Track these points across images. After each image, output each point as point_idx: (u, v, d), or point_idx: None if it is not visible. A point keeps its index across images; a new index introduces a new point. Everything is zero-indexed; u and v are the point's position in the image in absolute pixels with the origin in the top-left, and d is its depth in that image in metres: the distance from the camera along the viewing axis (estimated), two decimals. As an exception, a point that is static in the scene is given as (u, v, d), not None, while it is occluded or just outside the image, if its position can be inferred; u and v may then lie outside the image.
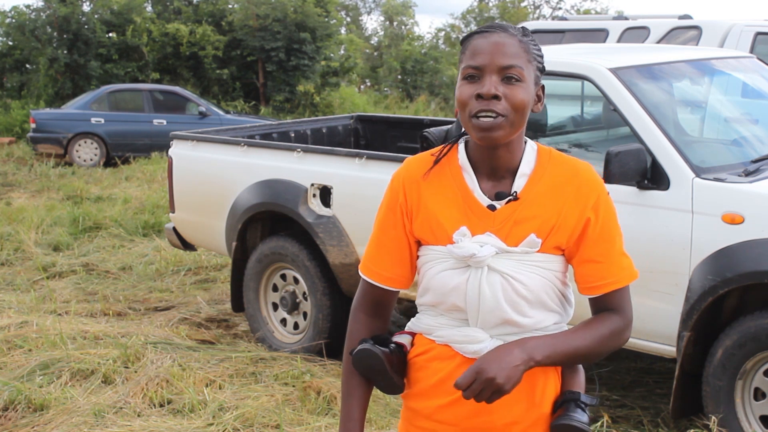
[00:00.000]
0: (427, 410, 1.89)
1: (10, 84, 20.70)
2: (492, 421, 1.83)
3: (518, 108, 1.74)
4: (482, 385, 1.67)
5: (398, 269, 1.90)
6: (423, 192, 1.85)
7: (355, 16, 35.07)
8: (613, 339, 1.82)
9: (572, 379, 1.89)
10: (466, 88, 1.74)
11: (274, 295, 5.50)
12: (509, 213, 1.79)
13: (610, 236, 1.82)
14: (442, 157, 1.86)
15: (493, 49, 1.73)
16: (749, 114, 4.89)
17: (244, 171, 5.44)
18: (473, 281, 1.78)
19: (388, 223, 1.89)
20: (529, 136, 5.41)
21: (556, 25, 10.11)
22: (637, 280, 4.31)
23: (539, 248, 1.79)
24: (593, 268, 1.81)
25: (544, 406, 1.84)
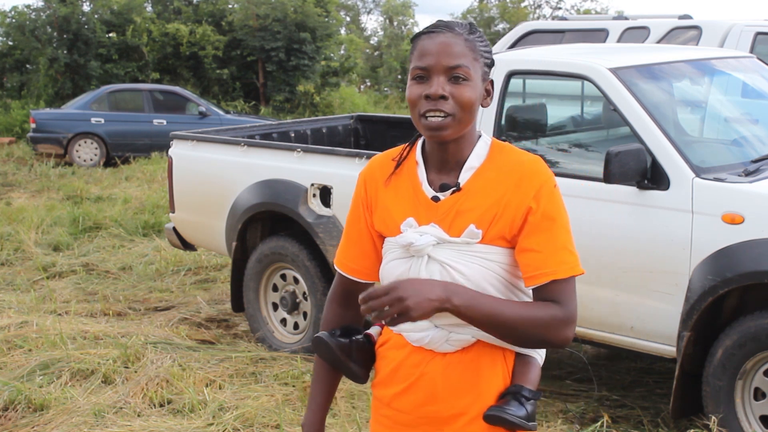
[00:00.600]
0: (386, 398, 1.95)
1: (10, 84, 20.70)
2: (439, 411, 1.87)
3: (465, 106, 1.79)
4: (391, 300, 1.67)
5: (364, 261, 1.97)
6: (380, 189, 1.93)
7: (355, 16, 35.07)
8: (548, 328, 1.78)
9: (523, 373, 1.89)
10: (415, 89, 1.80)
11: (274, 295, 5.50)
12: (452, 204, 1.84)
13: (551, 227, 1.81)
14: (402, 160, 1.93)
15: (439, 49, 1.78)
16: (749, 114, 4.89)
17: (244, 171, 5.44)
18: (414, 270, 1.83)
19: (354, 218, 1.98)
20: (529, 135, 5.40)
21: (556, 25, 10.11)
22: (637, 280, 4.30)
23: (481, 239, 1.81)
24: (531, 258, 1.80)
25: (490, 398, 1.86)
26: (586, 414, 4.44)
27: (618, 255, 4.10)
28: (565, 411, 4.46)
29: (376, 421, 2.01)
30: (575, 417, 4.40)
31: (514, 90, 4.90)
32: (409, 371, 1.89)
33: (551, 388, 4.76)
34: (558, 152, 4.92)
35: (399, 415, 1.93)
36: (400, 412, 1.92)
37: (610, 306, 4.16)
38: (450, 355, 1.86)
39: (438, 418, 1.88)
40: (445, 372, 1.86)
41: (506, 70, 4.59)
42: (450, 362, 1.86)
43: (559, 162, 4.73)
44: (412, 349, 1.88)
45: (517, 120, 4.83)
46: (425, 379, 1.87)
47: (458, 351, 1.86)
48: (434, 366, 1.87)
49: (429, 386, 1.87)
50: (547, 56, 4.83)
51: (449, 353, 1.86)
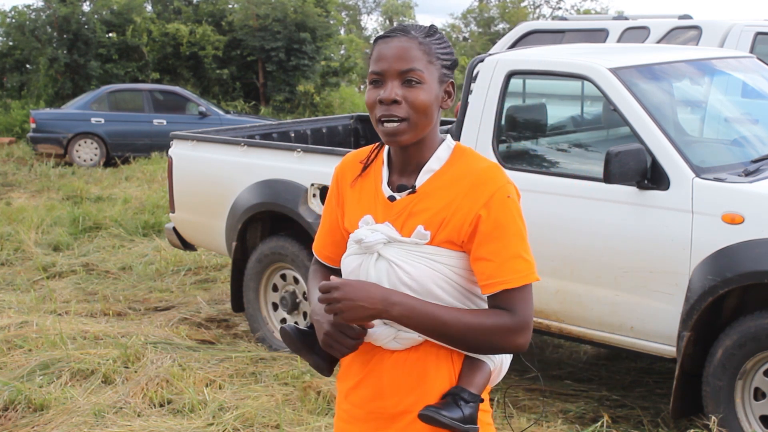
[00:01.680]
0: (343, 392, 1.99)
1: (10, 84, 20.69)
2: (386, 407, 1.90)
3: (419, 109, 1.81)
4: (330, 299, 1.78)
5: (337, 249, 2.04)
6: (347, 185, 2.00)
7: (355, 16, 35.07)
8: (496, 335, 1.80)
9: (468, 376, 1.90)
10: (371, 93, 1.85)
11: (274, 295, 5.50)
12: (405, 205, 1.88)
13: (503, 236, 1.81)
14: (370, 163, 1.98)
15: (393, 54, 1.82)
16: (749, 114, 4.89)
17: (244, 171, 5.44)
18: (364, 266, 1.88)
19: (328, 208, 2.06)
20: (529, 135, 5.40)
21: (556, 25, 10.10)
22: (637, 280, 4.30)
23: (429, 240, 1.84)
24: (483, 266, 1.82)
25: (433, 398, 1.88)
26: (586, 414, 4.44)
27: (618, 255, 4.10)
28: (565, 411, 4.46)
29: (337, 415, 2.05)
30: (575, 417, 4.40)
31: (514, 90, 4.90)
32: (360, 367, 1.93)
33: (551, 388, 4.76)
34: (558, 152, 4.92)
35: (353, 409, 1.96)
36: (354, 406, 1.96)
37: (610, 306, 4.16)
38: (397, 353, 1.88)
39: (385, 415, 1.91)
40: (391, 369, 1.89)
41: (506, 70, 4.59)
42: (397, 360, 1.88)
43: (559, 162, 4.73)
44: (364, 345, 1.91)
45: (517, 120, 4.83)
46: (373, 375, 1.91)
47: (406, 350, 1.88)
48: (382, 363, 1.90)
49: (376, 382, 1.90)
50: (547, 56, 4.83)
51: (397, 351, 1.89)
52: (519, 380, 4.84)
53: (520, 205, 1.86)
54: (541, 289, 4.13)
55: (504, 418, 4.25)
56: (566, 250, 4.26)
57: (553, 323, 4.39)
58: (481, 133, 4.56)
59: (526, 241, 1.84)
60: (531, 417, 4.33)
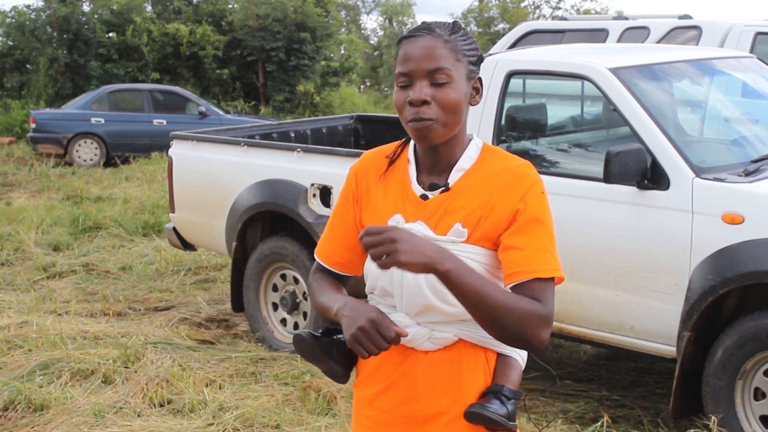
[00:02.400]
0: (368, 398, 1.93)
1: (10, 84, 20.69)
2: (420, 410, 1.86)
3: (449, 108, 1.79)
4: (383, 239, 1.66)
5: (347, 254, 1.97)
6: (372, 185, 1.93)
7: (355, 16, 35.07)
8: (530, 321, 1.74)
9: (504, 373, 1.90)
10: (400, 95, 1.82)
11: (274, 295, 5.50)
12: (440, 203, 1.85)
13: (536, 228, 1.80)
14: (396, 158, 1.93)
15: (419, 54, 1.78)
16: (749, 114, 4.89)
17: (244, 171, 5.44)
18: None
19: (341, 210, 1.98)
20: (529, 135, 5.39)
21: (556, 25, 10.11)
22: (637, 280, 4.30)
23: (466, 238, 1.81)
24: (514, 255, 1.79)
25: (470, 397, 1.86)
26: (586, 414, 4.44)
27: (618, 255, 4.10)
28: (565, 411, 4.46)
29: (357, 423, 1.99)
30: (575, 417, 4.40)
31: (514, 90, 4.90)
32: (390, 370, 1.89)
33: (551, 388, 4.76)
34: (558, 152, 4.92)
35: (380, 414, 1.92)
36: (381, 412, 1.91)
37: (610, 306, 4.16)
38: (432, 354, 1.85)
39: (418, 417, 1.87)
40: (426, 370, 1.86)
41: (506, 70, 4.59)
42: (432, 361, 1.85)
43: (559, 162, 4.73)
44: (394, 348, 1.86)
45: (517, 120, 4.83)
46: (406, 378, 1.87)
47: (440, 349, 1.85)
48: (416, 364, 1.86)
49: (410, 385, 1.87)
50: (547, 56, 4.83)
51: (431, 352, 1.85)
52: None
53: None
54: (541, 289, 4.12)
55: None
56: (566, 250, 4.25)
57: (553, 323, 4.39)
58: (481, 133, 4.56)
59: (555, 239, 1.84)
60: (531, 417, 4.33)
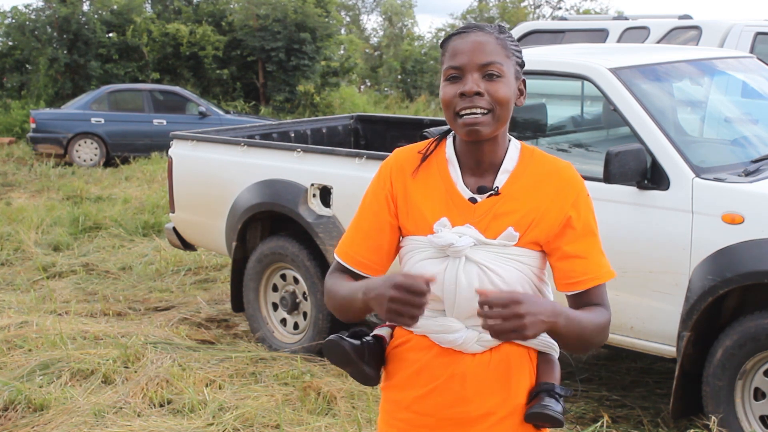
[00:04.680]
0: (406, 401, 1.92)
1: (10, 84, 20.69)
2: (468, 412, 1.86)
3: (501, 102, 1.79)
4: (510, 315, 1.62)
5: (373, 255, 1.92)
6: (409, 183, 1.89)
7: (355, 16, 35.06)
8: (604, 330, 1.84)
9: (547, 371, 1.92)
10: (450, 89, 1.80)
11: (274, 295, 5.50)
12: (489, 206, 1.84)
13: (590, 234, 1.86)
14: (429, 154, 1.90)
15: (472, 48, 1.79)
16: (749, 114, 4.89)
17: (244, 171, 5.44)
18: (451, 270, 1.81)
19: (371, 210, 1.92)
20: (530, 136, 5.39)
21: (556, 25, 10.10)
22: (637, 280, 4.30)
23: (517, 242, 1.82)
24: (576, 264, 1.83)
25: (519, 397, 1.87)
26: (586, 414, 4.44)
27: (618, 255, 4.09)
28: (565, 411, 4.45)
29: (389, 425, 1.96)
30: (575, 417, 4.40)
31: (514, 90, 4.88)
32: (436, 373, 1.87)
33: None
34: (558, 152, 4.91)
35: (420, 418, 1.90)
36: (422, 415, 1.89)
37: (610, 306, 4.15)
38: (479, 356, 1.86)
39: (465, 419, 1.87)
40: (475, 372, 1.85)
41: (506, 70, 4.58)
42: (480, 362, 1.86)
43: (559, 162, 4.72)
44: (440, 351, 1.86)
45: (517, 120, 4.83)
46: (454, 381, 1.86)
47: (487, 351, 1.86)
48: (464, 366, 1.85)
49: (459, 387, 1.86)
50: (547, 56, 4.83)
51: (478, 354, 1.86)
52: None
53: None
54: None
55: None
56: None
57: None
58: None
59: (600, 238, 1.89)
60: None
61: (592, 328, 1.80)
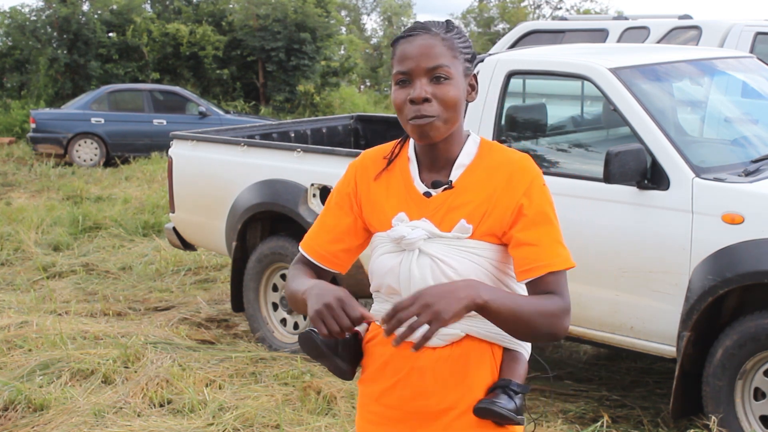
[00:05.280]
0: (375, 394, 1.95)
1: (10, 84, 20.70)
2: (429, 405, 1.89)
3: (449, 105, 1.81)
4: (420, 308, 1.65)
5: (334, 249, 1.98)
6: (372, 183, 1.95)
7: (355, 16, 35.07)
8: (554, 319, 1.80)
9: (511, 368, 1.92)
10: (399, 93, 1.83)
11: (274, 295, 5.50)
12: (443, 200, 1.87)
13: (544, 221, 1.84)
14: (394, 158, 1.95)
15: (418, 52, 1.80)
16: (749, 114, 4.89)
17: (244, 171, 5.44)
18: (405, 263, 1.85)
19: (336, 207, 1.99)
20: (529, 135, 5.38)
21: (556, 25, 10.10)
22: (637, 280, 4.29)
23: (471, 234, 1.84)
24: (527, 251, 1.82)
25: (478, 392, 1.88)
26: (586, 414, 4.44)
27: (618, 255, 4.10)
28: (565, 411, 4.46)
29: (363, 418, 2.01)
30: (575, 417, 4.40)
31: (514, 90, 4.90)
32: (399, 366, 1.90)
33: (551, 388, 4.76)
34: (558, 152, 4.92)
35: (387, 410, 1.93)
36: (389, 408, 1.93)
37: (610, 306, 4.16)
38: (440, 350, 1.87)
39: (427, 413, 1.89)
40: (435, 366, 1.87)
41: (506, 70, 4.59)
42: (440, 357, 1.87)
43: (559, 162, 4.73)
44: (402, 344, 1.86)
45: (517, 120, 4.83)
46: (415, 374, 1.88)
47: (447, 345, 1.87)
48: (424, 361, 1.87)
49: (418, 381, 1.88)
50: (547, 56, 4.83)
51: (438, 348, 1.87)
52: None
53: None
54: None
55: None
56: (566, 250, 4.26)
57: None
58: (481, 133, 4.54)
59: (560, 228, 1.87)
60: (531, 417, 4.32)
61: (532, 311, 1.77)
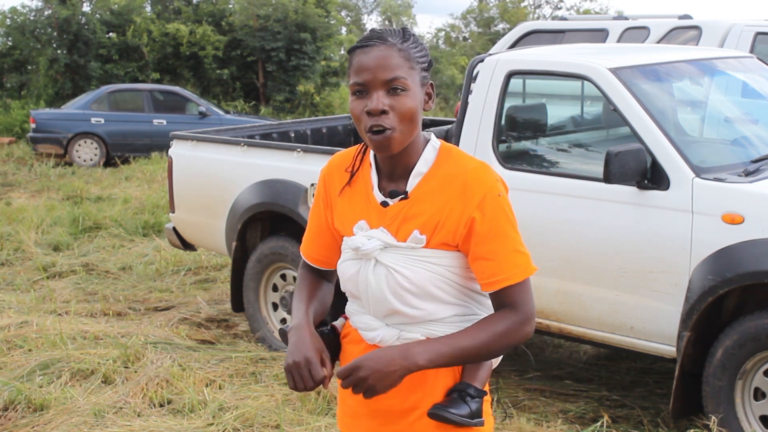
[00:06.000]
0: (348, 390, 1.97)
1: (10, 84, 20.70)
2: (391, 405, 1.93)
3: (406, 117, 1.82)
4: (356, 381, 1.77)
5: (323, 251, 2.06)
6: (337, 188, 2.00)
7: (355, 16, 35.07)
8: (508, 336, 1.84)
9: (471, 371, 1.94)
10: (357, 104, 1.85)
11: (274, 295, 5.50)
12: (399, 210, 1.89)
13: (499, 234, 1.84)
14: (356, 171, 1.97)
15: (375, 64, 1.81)
16: (749, 114, 4.89)
17: (244, 171, 5.44)
18: (363, 272, 1.90)
19: (315, 213, 2.06)
20: (529, 135, 5.39)
21: (556, 25, 10.10)
22: (637, 280, 4.30)
23: (426, 244, 1.86)
24: (484, 266, 1.84)
25: (439, 395, 1.92)
26: (586, 414, 4.44)
27: (618, 255, 4.10)
28: (565, 411, 4.46)
29: (342, 411, 2.08)
30: (575, 417, 4.40)
31: (514, 90, 4.90)
32: None
33: (551, 388, 4.76)
34: (558, 152, 4.92)
35: (359, 406, 1.98)
36: (359, 404, 1.97)
37: (610, 306, 4.16)
38: None
39: (391, 413, 1.94)
40: None
41: (506, 70, 4.59)
42: None
43: (559, 162, 4.73)
44: (367, 346, 1.94)
45: (517, 120, 4.83)
46: None
47: None
48: None
49: None
50: (547, 56, 4.83)
51: None
52: (519, 380, 4.84)
53: (508, 198, 1.89)
54: (541, 289, 4.13)
55: (504, 418, 4.25)
56: (566, 250, 4.26)
57: (553, 323, 4.39)
58: (481, 133, 4.56)
59: (519, 233, 1.87)
60: (531, 417, 4.32)
61: (479, 344, 1.81)
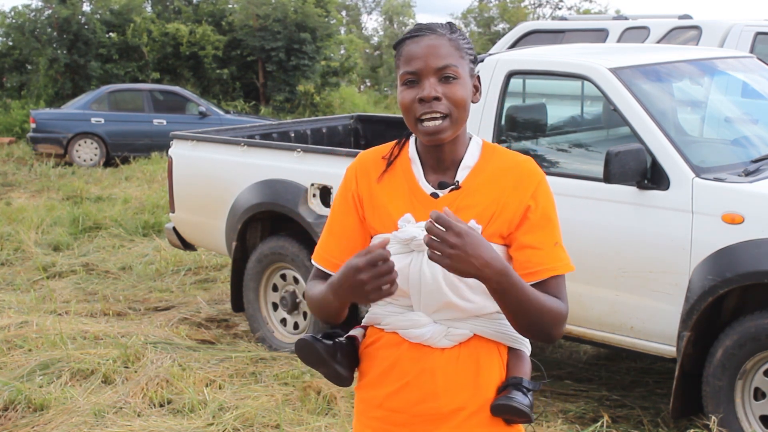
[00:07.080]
0: (378, 399, 1.93)
1: (10, 84, 20.69)
2: (438, 407, 1.87)
3: (459, 104, 1.82)
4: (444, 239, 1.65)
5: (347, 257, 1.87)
6: (374, 185, 1.93)
7: (355, 16, 35.07)
8: (555, 319, 1.81)
9: (517, 366, 1.93)
10: (407, 93, 1.83)
11: (274, 295, 5.50)
12: (451, 201, 1.86)
13: (548, 225, 1.86)
14: (394, 159, 1.94)
15: (426, 52, 1.81)
16: (749, 114, 4.89)
17: (244, 171, 5.44)
18: (415, 264, 1.83)
19: (341, 213, 1.95)
20: (529, 135, 5.38)
21: (556, 25, 10.11)
22: (637, 280, 4.30)
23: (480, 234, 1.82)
24: (531, 254, 1.84)
25: (488, 391, 1.88)
26: (586, 414, 4.44)
27: (618, 255, 4.10)
28: (565, 411, 4.46)
29: (363, 425, 1.97)
30: (575, 417, 4.40)
31: (514, 90, 4.90)
32: (406, 368, 1.88)
33: (551, 388, 4.76)
34: (558, 152, 4.92)
35: (393, 415, 1.90)
36: (395, 412, 1.90)
37: (610, 306, 4.16)
38: (448, 351, 1.86)
39: (437, 415, 1.87)
40: (445, 367, 1.86)
41: (506, 70, 4.59)
42: (449, 357, 1.86)
43: (559, 162, 4.73)
44: (409, 346, 1.88)
45: (517, 120, 4.83)
46: (424, 376, 1.87)
47: (456, 346, 1.87)
48: (433, 362, 1.86)
49: (429, 383, 1.87)
50: (547, 56, 4.83)
51: (447, 349, 1.86)
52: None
53: None
54: (541, 289, 4.12)
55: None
56: (566, 250, 4.26)
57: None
58: (481, 133, 4.56)
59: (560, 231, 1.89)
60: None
61: (538, 306, 1.77)
